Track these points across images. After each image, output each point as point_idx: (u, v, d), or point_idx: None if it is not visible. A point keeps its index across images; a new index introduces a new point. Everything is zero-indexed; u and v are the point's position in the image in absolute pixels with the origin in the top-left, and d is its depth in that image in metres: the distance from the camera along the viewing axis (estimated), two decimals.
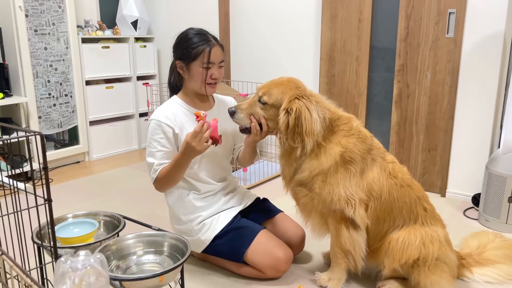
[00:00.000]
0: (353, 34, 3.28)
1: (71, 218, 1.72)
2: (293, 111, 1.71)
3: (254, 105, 1.83)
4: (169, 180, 1.88)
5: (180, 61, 1.92)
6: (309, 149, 1.74)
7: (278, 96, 1.77)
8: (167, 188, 1.96)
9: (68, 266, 0.75)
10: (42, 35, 3.48)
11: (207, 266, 2.13)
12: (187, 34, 1.92)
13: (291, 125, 1.72)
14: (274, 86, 1.80)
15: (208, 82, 1.91)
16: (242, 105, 1.85)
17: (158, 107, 1.98)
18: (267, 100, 1.79)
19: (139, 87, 4.27)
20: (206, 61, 1.87)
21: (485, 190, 2.58)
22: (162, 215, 2.77)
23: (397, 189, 1.78)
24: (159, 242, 1.57)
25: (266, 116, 1.81)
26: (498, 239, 2.10)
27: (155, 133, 1.90)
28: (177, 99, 1.99)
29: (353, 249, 1.84)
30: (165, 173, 1.87)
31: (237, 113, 1.84)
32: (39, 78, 3.52)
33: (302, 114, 1.71)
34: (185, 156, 1.79)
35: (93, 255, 0.80)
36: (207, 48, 1.87)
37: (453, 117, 2.93)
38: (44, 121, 3.60)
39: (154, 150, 1.90)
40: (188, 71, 1.91)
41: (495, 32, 2.69)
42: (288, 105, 1.73)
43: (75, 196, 3.12)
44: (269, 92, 1.79)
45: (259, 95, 1.82)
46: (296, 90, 1.77)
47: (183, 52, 1.89)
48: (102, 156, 4.11)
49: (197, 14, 4.17)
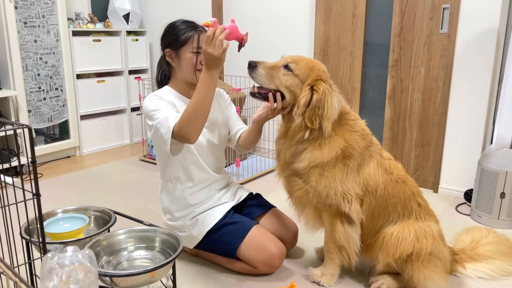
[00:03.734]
0: (347, 29, 3.27)
1: (61, 213, 1.69)
2: (320, 91, 1.67)
3: (279, 69, 1.74)
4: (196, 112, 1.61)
5: (169, 49, 1.90)
6: (326, 134, 1.70)
7: (306, 69, 1.72)
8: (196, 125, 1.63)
9: (55, 262, 0.72)
10: (31, 28, 3.42)
11: (199, 262, 2.11)
12: (175, 23, 1.92)
13: (313, 105, 1.67)
14: (304, 60, 1.75)
15: (198, 68, 1.88)
16: (266, 63, 1.74)
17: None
18: (294, 68, 1.72)
19: (131, 81, 4.22)
20: (196, 45, 1.85)
21: (477, 186, 2.59)
22: (154, 210, 2.74)
23: (392, 185, 1.78)
24: (151, 237, 1.55)
25: (287, 84, 1.72)
26: (491, 235, 2.10)
27: (154, 103, 1.78)
28: (168, 88, 1.96)
29: (347, 244, 1.83)
30: (190, 108, 1.62)
31: (258, 69, 1.72)
32: (29, 71, 3.46)
33: (326, 97, 1.68)
34: (207, 68, 1.61)
35: (81, 251, 0.78)
36: (196, 33, 1.86)
37: (446, 112, 2.93)
38: (34, 115, 3.54)
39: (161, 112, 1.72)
40: (178, 58, 1.89)
41: (488, 28, 2.69)
42: (315, 83, 1.69)
43: (65, 191, 3.08)
44: (298, 62, 1.73)
45: (287, 61, 1.73)
46: (323, 73, 1.74)
47: (172, 39, 1.87)
48: (93, 151, 4.06)
49: (190, 7, 4.12)
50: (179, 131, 1.65)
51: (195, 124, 1.63)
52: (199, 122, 1.64)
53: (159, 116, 1.73)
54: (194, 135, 1.66)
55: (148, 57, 4.36)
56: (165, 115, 1.72)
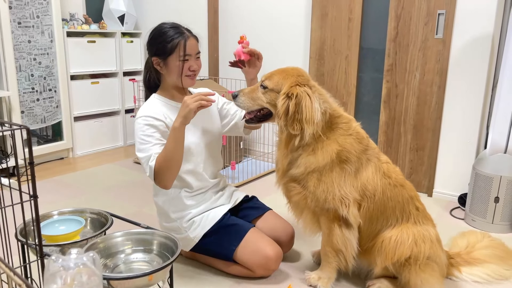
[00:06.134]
0: (343, 33, 3.28)
1: (57, 215, 1.67)
2: (293, 96, 1.69)
3: (257, 90, 1.82)
4: (168, 161, 1.72)
5: (156, 57, 1.89)
6: (307, 138, 1.70)
7: (279, 81, 1.76)
8: (169, 175, 1.76)
9: (60, 264, 0.71)
10: (26, 28, 3.39)
11: (195, 265, 2.10)
12: (160, 29, 1.90)
13: (291, 111, 1.69)
14: (276, 73, 1.80)
15: (187, 74, 1.89)
16: (245, 90, 1.84)
17: (141, 107, 1.91)
18: (268, 84, 1.78)
19: (125, 83, 4.20)
20: (183, 53, 1.85)
21: (472, 190, 2.61)
22: (149, 212, 2.72)
23: (390, 189, 1.78)
24: (148, 240, 1.54)
25: (268, 101, 1.79)
26: (486, 239, 2.12)
27: (146, 129, 1.82)
28: (157, 96, 1.96)
29: (345, 248, 1.83)
30: (162, 156, 1.73)
31: (239, 97, 1.83)
32: (23, 71, 3.42)
33: (303, 100, 1.68)
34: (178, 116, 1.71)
35: (85, 254, 0.76)
36: (182, 40, 1.85)
37: (441, 117, 2.95)
38: (27, 116, 3.51)
39: (148, 145, 1.79)
40: (166, 66, 1.88)
41: (483, 33, 2.71)
42: (289, 90, 1.71)
43: (58, 193, 3.05)
44: (271, 77, 1.79)
45: (261, 80, 1.82)
46: (298, 77, 1.75)
47: (158, 47, 1.87)
48: (87, 153, 4.03)
49: (185, 9, 4.11)
50: (155, 173, 1.75)
51: (167, 173, 1.75)
52: (171, 170, 1.75)
53: (145, 150, 1.78)
54: (169, 183, 1.79)
55: (143, 59, 4.34)
56: (146, 153, 1.78)
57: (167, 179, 1.76)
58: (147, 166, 1.76)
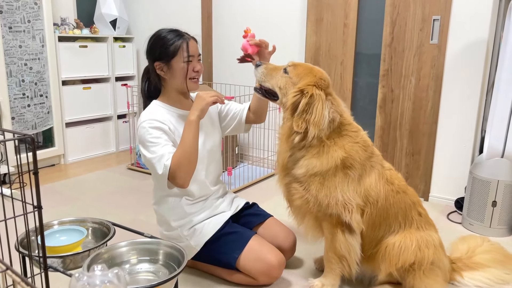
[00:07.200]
0: (338, 39, 3.29)
1: (57, 225, 1.63)
2: (308, 95, 1.68)
3: (279, 71, 1.80)
4: (187, 156, 1.69)
5: (159, 62, 1.86)
6: (310, 139, 1.70)
7: (301, 74, 1.75)
8: (188, 170, 1.71)
9: (86, 282, 0.68)
10: (16, 33, 3.33)
11: (197, 274, 2.07)
12: (160, 34, 1.88)
13: (300, 109, 1.68)
14: (303, 66, 1.79)
15: (191, 77, 1.88)
16: (270, 65, 1.85)
17: (142, 113, 1.87)
18: (291, 71, 1.77)
19: (117, 88, 4.15)
20: (187, 54, 1.84)
21: (469, 194, 2.62)
22: (145, 220, 2.68)
23: (393, 195, 1.78)
24: (154, 250, 1.50)
25: (281, 85, 1.78)
26: (485, 243, 2.13)
27: (153, 131, 1.76)
28: (159, 103, 1.92)
29: (348, 254, 1.82)
30: (180, 151, 1.69)
31: (260, 67, 1.84)
32: (13, 77, 3.36)
33: (315, 102, 1.68)
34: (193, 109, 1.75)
35: (110, 270, 0.74)
36: (184, 42, 1.84)
37: (437, 122, 2.97)
38: (17, 122, 3.44)
39: (158, 146, 1.72)
40: (170, 70, 1.86)
41: (478, 39, 2.75)
42: (305, 87, 1.70)
43: (50, 201, 2.99)
44: (296, 66, 1.78)
45: (288, 64, 1.80)
46: (320, 80, 1.74)
47: (161, 51, 1.84)
48: (79, 159, 3.97)
49: (179, 14, 4.09)
50: (171, 172, 1.68)
51: (184, 169, 1.69)
52: (191, 164, 1.72)
53: (155, 151, 1.72)
54: (187, 180, 1.73)
55: (135, 63, 4.30)
56: (157, 153, 1.72)
57: (185, 175, 1.70)
58: (159, 165, 1.69)
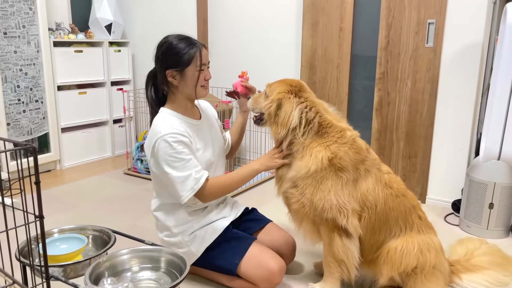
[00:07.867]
0: (334, 42, 3.30)
1: (57, 233, 1.62)
2: (276, 101, 1.81)
3: (262, 95, 1.95)
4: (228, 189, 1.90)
5: (171, 70, 1.85)
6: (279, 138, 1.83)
7: (274, 87, 1.88)
8: (221, 196, 1.93)
9: None
10: (11, 38, 3.31)
11: (197, 280, 2.06)
12: (171, 42, 1.86)
13: (272, 114, 1.83)
14: (276, 81, 1.92)
15: (202, 85, 1.89)
16: (256, 94, 2.02)
17: (158, 123, 1.84)
18: (267, 91, 1.92)
19: (113, 93, 4.13)
20: (200, 63, 1.84)
21: (466, 196, 2.64)
22: (144, 226, 2.67)
23: (392, 199, 1.79)
24: (155, 257, 1.50)
25: (264, 106, 1.90)
26: (483, 246, 2.14)
27: (176, 146, 1.76)
28: (169, 111, 1.91)
29: (346, 257, 1.82)
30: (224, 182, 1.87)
31: (250, 99, 2.01)
32: (8, 83, 3.34)
33: (283, 105, 1.80)
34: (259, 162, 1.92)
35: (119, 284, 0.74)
36: (198, 51, 1.84)
37: (433, 124, 2.99)
38: (13, 128, 3.41)
39: (182, 162, 1.77)
40: (182, 78, 1.85)
41: (473, 42, 2.77)
42: (276, 96, 1.84)
43: (47, 207, 2.96)
44: (270, 85, 1.92)
45: (265, 87, 1.96)
46: (291, 87, 1.84)
47: (175, 59, 1.83)
48: (75, 164, 3.94)
49: (174, 19, 4.08)
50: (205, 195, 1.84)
51: (225, 193, 1.92)
52: (223, 195, 1.93)
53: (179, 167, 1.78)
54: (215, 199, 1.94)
55: (131, 68, 4.28)
56: (185, 172, 1.79)
57: (212, 199, 1.89)
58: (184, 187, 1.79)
